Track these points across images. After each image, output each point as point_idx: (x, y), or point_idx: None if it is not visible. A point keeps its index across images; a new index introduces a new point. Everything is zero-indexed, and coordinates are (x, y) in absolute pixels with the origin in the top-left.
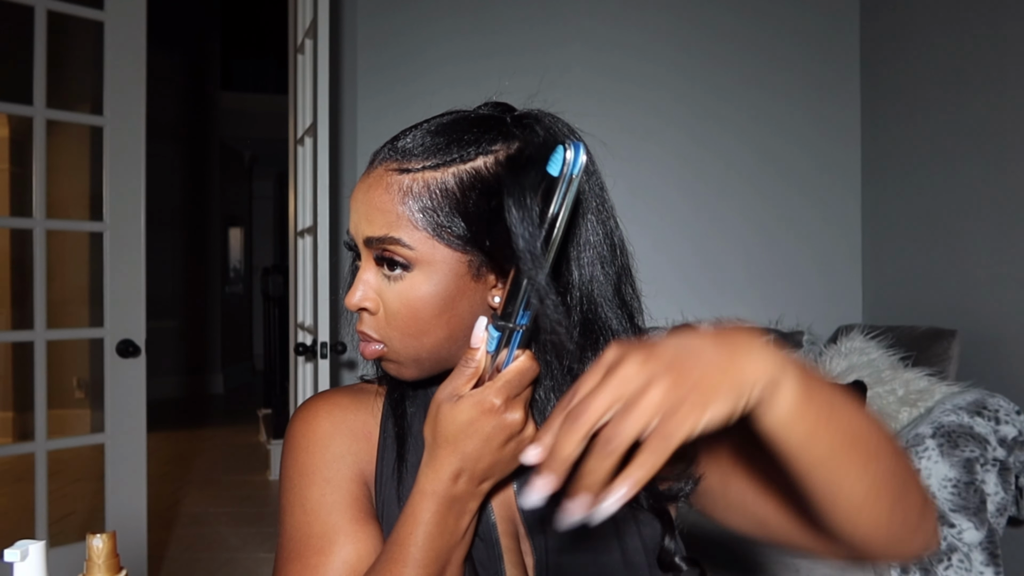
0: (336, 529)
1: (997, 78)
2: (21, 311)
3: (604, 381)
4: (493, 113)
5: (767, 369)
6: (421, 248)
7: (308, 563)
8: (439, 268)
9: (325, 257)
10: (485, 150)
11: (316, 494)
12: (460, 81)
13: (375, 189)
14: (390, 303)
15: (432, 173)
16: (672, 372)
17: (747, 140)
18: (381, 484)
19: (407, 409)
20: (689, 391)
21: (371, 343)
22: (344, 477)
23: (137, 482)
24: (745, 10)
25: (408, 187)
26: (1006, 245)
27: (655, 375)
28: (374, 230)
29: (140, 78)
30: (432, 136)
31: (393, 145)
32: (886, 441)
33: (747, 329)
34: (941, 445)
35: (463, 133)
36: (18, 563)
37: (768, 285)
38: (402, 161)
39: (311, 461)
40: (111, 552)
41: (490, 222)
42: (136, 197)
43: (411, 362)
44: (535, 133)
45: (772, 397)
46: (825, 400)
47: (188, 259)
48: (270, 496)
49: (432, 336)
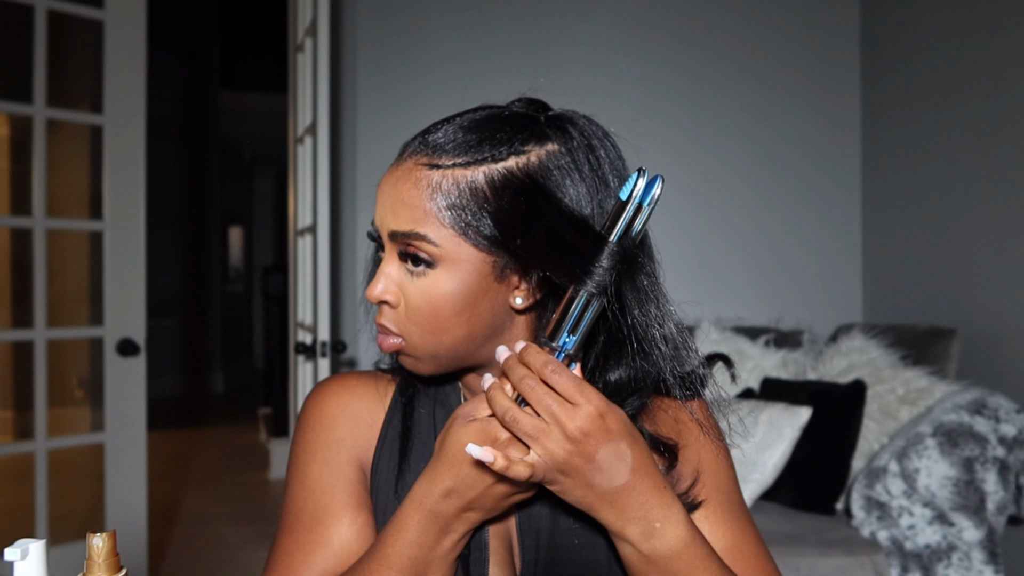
0: (327, 510)
1: (997, 78)
2: (21, 310)
3: (550, 394)
4: (527, 111)
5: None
6: (446, 246)
7: (298, 538)
8: (463, 267)
9: (325, 256)
10: (518, 150)
11: (315, 473)
12: (460, 81)
13: (403, 182)
14: (411, 298)
15: (462, 171)
16: (576, 459)
17: (747, 140)
18: (376, 473)
19: (416, 406)
20: (566, 478)
21: (390, 336)
22: (343, 460)
23: (137, 481)
24: (745, 10)
25: (437, 183)
26: (1006, 244)
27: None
28: (400, 224)
29: (140, 78)
30: (464, 132)
31: (424, 139)
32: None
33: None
34: (941, 444)
35: (496, 131)
36: (18, 562)
37: (768, 285)
38: (432, 156)
39: (315, 440)
40: (111, 551)
41: (521, 223)
42: (136, 196)
43: (428, 358)
44: (569, 135)
45: (619, 542)
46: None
47: (188, 258)
48: (270, 495)
49: (451, 334)
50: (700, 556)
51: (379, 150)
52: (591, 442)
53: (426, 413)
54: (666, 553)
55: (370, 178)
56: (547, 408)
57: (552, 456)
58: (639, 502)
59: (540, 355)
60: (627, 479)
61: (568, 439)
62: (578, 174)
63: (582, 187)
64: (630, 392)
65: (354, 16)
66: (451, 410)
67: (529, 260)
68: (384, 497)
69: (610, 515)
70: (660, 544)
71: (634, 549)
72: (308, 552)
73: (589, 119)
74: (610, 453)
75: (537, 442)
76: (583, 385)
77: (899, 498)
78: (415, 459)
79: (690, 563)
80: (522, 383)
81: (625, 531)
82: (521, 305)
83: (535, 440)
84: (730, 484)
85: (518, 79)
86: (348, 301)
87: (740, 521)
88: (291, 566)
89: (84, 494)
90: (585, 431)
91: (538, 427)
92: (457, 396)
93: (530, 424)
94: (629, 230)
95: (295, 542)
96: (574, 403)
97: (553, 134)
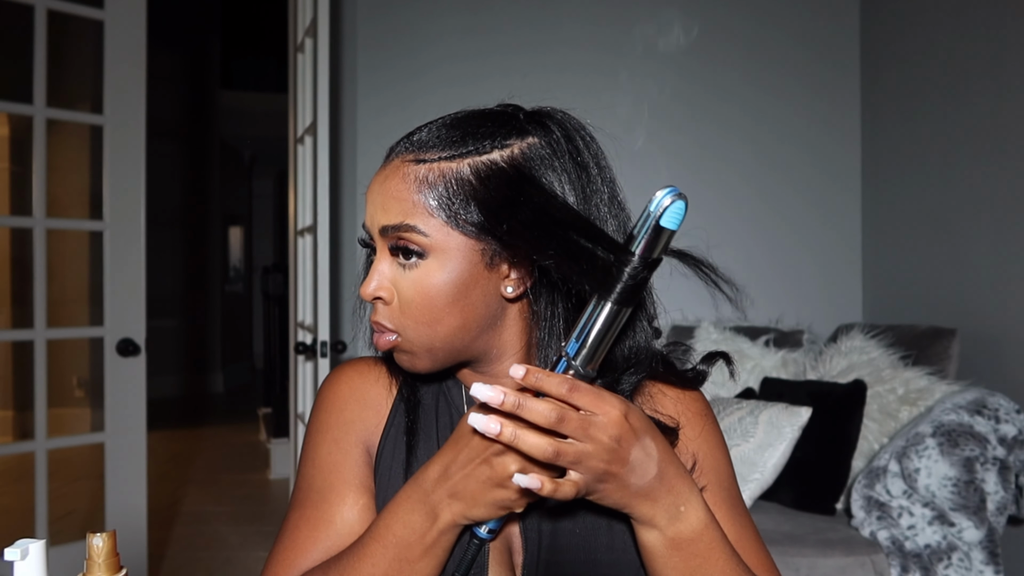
0: (333, 488)
1: (997, 78)
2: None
3: (583, 418)
4: (506, 110)
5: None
6: (436, 235)
7: (305, 514)
8: (453, 256)
9: (325, 256)
10: (501, 144)
11: (324, 452)
12: (460, 81)
13: (391, 179)
14: (404, 291)
15: (448, 163)
16: (614, 467)
17: (747, 140)
18: (381, 459)
19: (420, 399)
20: (605, 484)
21: (385, 333)
22: (350, 442)
23: (137, 481)
24: (745, 10)
25: (424, 176)
26: (1006, 244)
27: (614, 464)
28: (389, 218)
29: (140, 78)
30: (448, 129)
31: (409, 139)
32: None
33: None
34: (941, 444)
35: (478, 127)
36: (18, 562)
37: (768, 285)
38: (418, 152)
39: (327, 420)
40: (111, 551)
41: (507, 208)
42: (136, 196)
43: (424, 352)
44: (549, 129)
45: (645, 529)
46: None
47: (188, 258)
48: (270, 495)
49: (446, 325)
50: (718, 538)
51: (379, 150)
52: (624, 446)
53: (430, 405)
54: (689, 535)
55: (370, 178)
56: (582, 431)
57: (594, 471)
58: (667, 489)
59: (553, 379)
60: (656, 471)
61: (606, 450)
62: (559, 163)
63: (564, 176)
64: (628, 366)
65: (354, 16)
66: (454, 403)
67: (517, 245)
68: (386, 484)
69: (644, 508)
70: (684, 527)
71: (660, 534)
72: (313, 527)
73: (566, 113)
74: (639, 452)
75: (581, 465)
76: (600, 392)
77: (899, 498)
78: (418, 450)
79: (709, 544)
80: (561, 425)
81: (655, 519)
82: (512, 294)
83: (579, 464)
84: (730, 479)
85: (518, 79)
86: (348, 301)
87: (740, 516)
88: (296, 540)
89: (84, 494)
90: (617, 437)
91: (581, 452)
92: (459, 389)
93: (573, 452)
94: (653, 246)
95: (302, 517)
96: (600, 412)
97: (533, 129)
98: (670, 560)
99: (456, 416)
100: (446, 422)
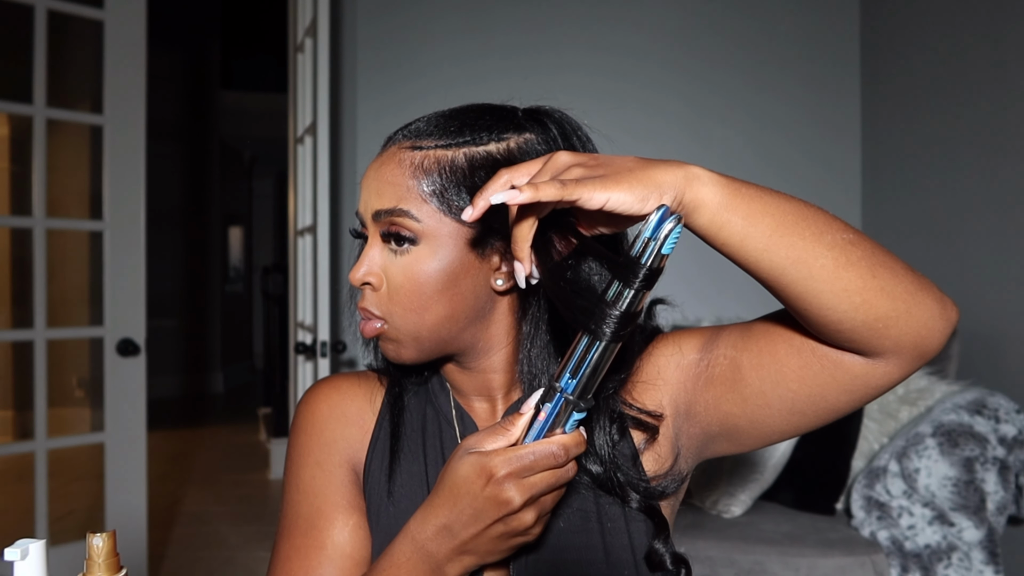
0: (320, 512)
1: (997, 78)
2: (21, 310)
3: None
4: (505, 106)
5: (677, 173)
6: (428, 222)
7: (295, 543)
8: (445, 243)
9: (325, 256)
10: (498, 137)
11: (307, 476)
12: (460, 81)
13: (387, 165)
14: (394, 277)
15: (444, 151)
16: (592, 161)
17: (747, 140)
18: (369, 474)
19: (406, 406)
20: (599, 174)
21: (372, 320)
22: (334, 463)
23: (137, 481)
24: (745, 10)
25: (419, 162)
26: (1006, 245)
27: (580, 161)
28: (383, 203)
29: (140, 78)
30: (446, 119)
31: (407, 127)
32: (831, 217)
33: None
34: (941, 444)
35: (476, 120)
36: (18, 562)
37: None
38: (415, 140)
39: (307, 443)
40: (111, 551)
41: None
42: (136, 196)
43: (411, 340)
44: (546, 126)
45: (697, 197)
46: (754, 192)
47: (188, 258)
48: (270, 495)
49: (434, 313)
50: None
51: (379, 150)
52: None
53: (416, 413)
54: (714, 182)
55: None
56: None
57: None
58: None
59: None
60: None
61: (571, 156)
62: None
63: None
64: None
65: (354, 16)
66: (440, 409)
67: (507, 236)
68: (377, 498)
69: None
70: (703, 178)
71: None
72: (304, 557)
73: (563, 112)
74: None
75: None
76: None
77: (899, 498)
78: (406, 460)
79: (748, 183)
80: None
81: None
82: (502, 287)
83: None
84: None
85: (518, 79)
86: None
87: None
88: (289, 572)
89: (84, 494)
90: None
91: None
92: (447, 396)
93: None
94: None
95: (292, 547)
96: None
97: (530, 125)
98: (738, 225)
99: (445, 426)
100: (434, 431)
